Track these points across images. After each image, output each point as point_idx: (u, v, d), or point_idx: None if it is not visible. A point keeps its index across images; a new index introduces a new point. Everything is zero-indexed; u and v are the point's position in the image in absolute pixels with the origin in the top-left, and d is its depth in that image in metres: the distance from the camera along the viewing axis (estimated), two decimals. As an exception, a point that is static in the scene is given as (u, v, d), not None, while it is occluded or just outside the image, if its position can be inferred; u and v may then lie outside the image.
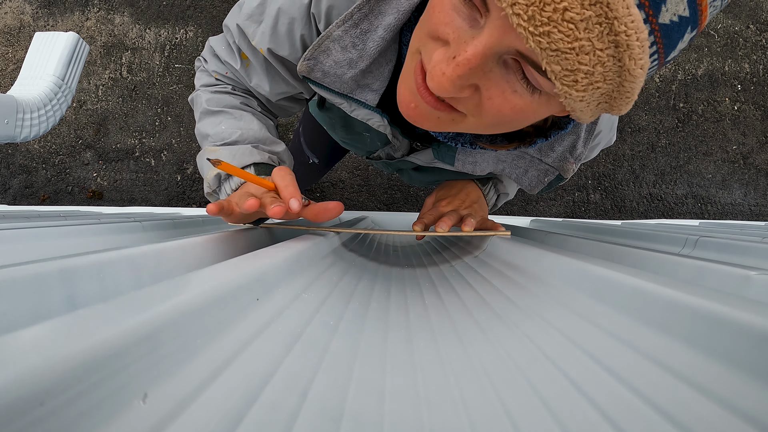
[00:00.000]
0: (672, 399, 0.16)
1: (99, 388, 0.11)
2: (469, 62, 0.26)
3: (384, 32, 0.37)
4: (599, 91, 0.26)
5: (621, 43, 0.23)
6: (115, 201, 1.38)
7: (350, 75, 0.40)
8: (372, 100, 0.42)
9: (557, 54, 0.23)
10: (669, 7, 0.22)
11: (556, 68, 0.24)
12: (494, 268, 0.41)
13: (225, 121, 0.47)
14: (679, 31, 0.24)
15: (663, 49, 0.24)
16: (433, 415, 0.18)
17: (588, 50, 0.23)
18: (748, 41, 1.52)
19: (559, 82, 0.25)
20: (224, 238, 0.38)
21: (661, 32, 0.23)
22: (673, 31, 0.24)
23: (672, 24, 0.23)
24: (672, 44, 0.24)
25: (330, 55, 0.39)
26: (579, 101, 0.26)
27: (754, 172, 1.50)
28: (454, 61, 0.26)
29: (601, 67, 0.24)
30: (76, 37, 0.82)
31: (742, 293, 0.27)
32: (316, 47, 0.38)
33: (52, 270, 0.21)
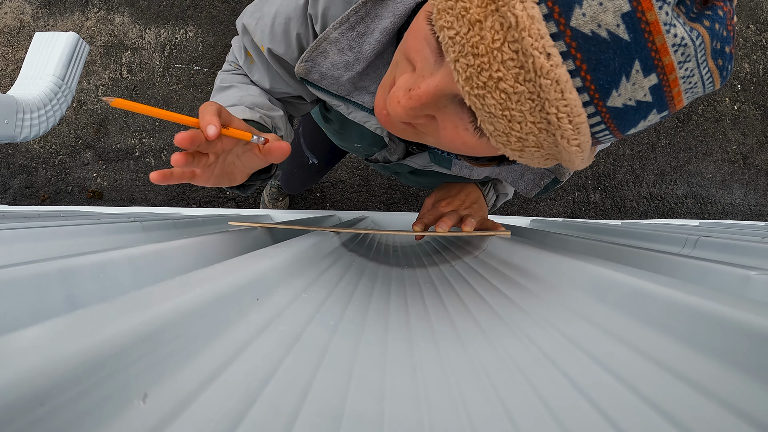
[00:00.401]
0: (672, 399, 0.16)
1: (99, 388, 0.11)
2: (420, 98, 0.27)
3: (380, 35, 0.37)
4: (538, 153, 0.26)
5: (552, 122, 0.23)
6: (115, 201, 1.38)
7: (347, 77, 0.40)
8: (369, 103, 0.42)
9: (490, 116, 0.24)
10: (623, 92, 0.22)
11: (490, 128, 0.25)
12: (494, 268, 0.41)
13: (231, 93, 0.47)
14: (639, 114, 0.23)
15: (616, 128, 0.24)
16: (433, 415, 0.18)
17: (519, 119, 0.23)
18: (748, 41, 1.52)
19: (494, 140, 0.25)
20: (224, 238, 0.38)
21: (610, 114, 0.23)
22: (628, 114, 0.23)
23: (627, 108, 0.23)
24: (629, 124, 0.24)
25: (327, 57, 0.39)
26: (519, 157, 0.27)
27: (754, 172, 1.50)
28: (408, 94, 0.27)
29: (534, 136, 0.24)
30: (76, 37, 0.82)
31: (742, 293, 0.27)
32: (314, 49, 0.38)
33: (52, 270, 0.21)
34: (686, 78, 0.22)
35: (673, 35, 0.21)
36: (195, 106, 1.38)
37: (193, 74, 1.40)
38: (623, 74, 0.21)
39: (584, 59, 0.21)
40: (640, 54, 0.21)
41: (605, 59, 0.21)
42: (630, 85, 0.22)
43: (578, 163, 0.27)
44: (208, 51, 1.41)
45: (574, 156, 0.25)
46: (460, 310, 0.32)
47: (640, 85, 0.22)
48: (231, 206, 1.37)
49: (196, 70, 1.40)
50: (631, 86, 0.22)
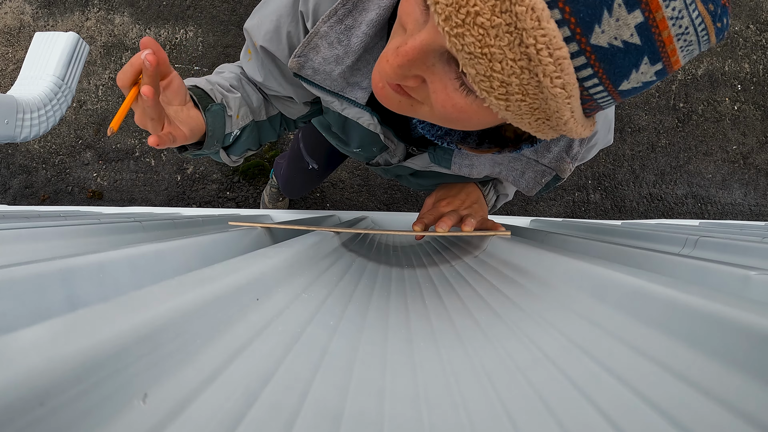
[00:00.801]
0: (672, 399, 0.16)
1: (99, 388, 0.11)
2: (407, 54, 0.27)
3: (367, 28, 0.37)
4: (525, 105, 0.25)
5: (532, 57, 0.22)
6: (115, 201, 1.38)
7: (338, 71, 0.40)
8: (362, 98, 0.43)
9: (471, 57, 0.23)
10: (606, 28, 0.21)
11: (472, 71, 0.24)
12: (494, 268, 0.41)
13: (212, 77, 0.49)
14: (628, 59, 0.22)
15: (606, 76, 0.23)
16: (433, 415, 0.18)
17: (500, 58, 0.23)
18: (748, 41, 1.52)
19: (477, 87, 0.25)
20: (224, 238, 0.38)
21: (596, 54, 0.22)
22: (616, 57, 0.22)
23: (613, 49, 0.22)
24: (619, 72, 0.23)
25: (319, 52, 0.39)
26: (505, 110, 0.26)
27: (754, 172, 1.50)
28: (396, 51, 0.27)
29: (516, 78, 0.23)
30: (76, 37, 0.82)
31: (742, 293, 0.27)
32: (306, 44, 0.39)
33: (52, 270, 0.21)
34: (675, 20, 0.21)
35: None
36: (195, 106, 1.38)
37: (193, 74, 1.40)
38: (604, 7, 0.20)
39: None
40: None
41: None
42: (613, 20, 0.21)
43: (568, 117, 0.25)
44: (208, 51, 1.41)
45: (561, 103, 0.24)
46: (460, 310, 0.32)
47: (625, 22, 0.21)
48: (231, 206, 1.37)
49: (196, 70, 1.40)
50: (615, 22, 0.21)
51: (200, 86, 0.45)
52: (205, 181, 1.37)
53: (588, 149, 0.51)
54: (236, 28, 1.42)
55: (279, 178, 1.08)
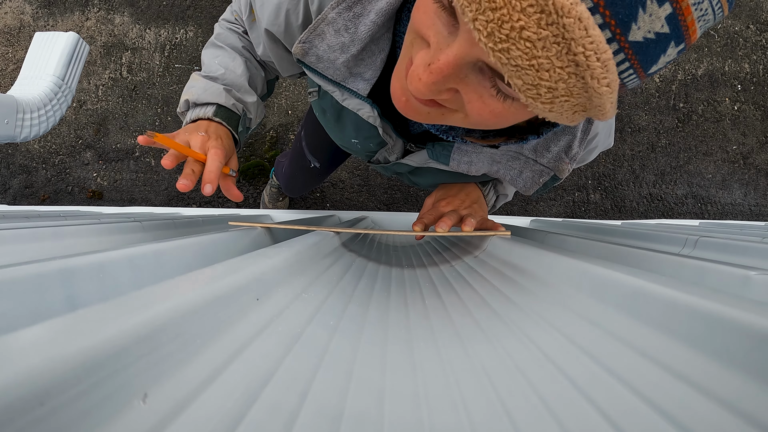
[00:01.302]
0: (672, 399, 0.16)
1: (99, 388, 0.11)
2: (442, 71, 0.27)
3: (376, 17, 0.37)
4: (568, 104, 0.26)
5: (581, 63, 0.23)
6: (115, 201, 1.38)
7: (342, 60, 0.40)
8: (363, 90, 0.42)
9: (518, 69, 0.24)
10: (641, 25, 0.22)
11: (518, 82, 0.24)
12: (494, 268, 0.41)
13: (220, 57, 0.53)
14: (659, 47, 0.24)
15: (639, 65, 0.24)
16: (433, 415, 0.18)
17: (548, 67, 0.23)
18: (748, 41, 1.52)
19: (523, 95, 0.25)
20: (224, 238, 0.38)
21: (633, 49, 0.23)
22: (649, 48, 0.23)
23: (647, 41, 0.23)
24: (651, 59, 0.24)
25: (324, 39, 0.39)
26: (549, 111, 0.26)
27: (754, 172, 1.50)
28: (428, 69, 0.27)
29: (563, 83, 0.24)
30: (76, 37, 0.81)
31: (742, 293, 0.27)
32: (312, 30, 0.39)
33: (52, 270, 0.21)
34: (697, 4, 0.23)
35: None
36: (195, 106, 1.38)
37: (193, 74, 1.40)
38: (639, 6, 0.22)
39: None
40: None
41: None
42: (647, 16, 0.22)
43: (609, 108, 0.27)
44: (208, 51, 1.41)
45: (605, 99, 0.25)
46: (460, 310, 0.32)
47: (657, 16, 0.22)
48: (231, 206, 1.37)
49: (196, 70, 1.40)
50: (649, 18, 0.22)
51: (222, 104, 0.49)
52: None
53: (588, 152, 0.51)
54: None
55: (280, 176, 1.08)
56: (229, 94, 0.50)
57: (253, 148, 1.39)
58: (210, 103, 0.49)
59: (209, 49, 0.55)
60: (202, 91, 0.49)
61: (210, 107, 0.49)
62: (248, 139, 1.38)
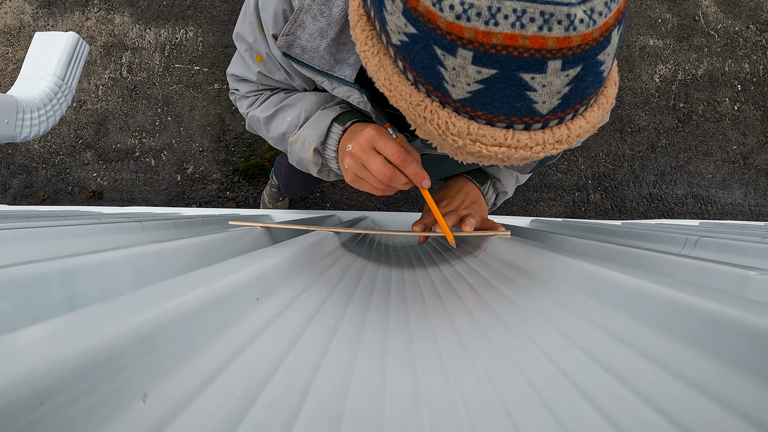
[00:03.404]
0: (672, 399, 0.16)
1: (99, 388, 0.11)
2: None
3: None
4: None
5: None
6: (115, 201, 1.38)
7: (324, 45, 0.41)
8: (350, 76, 0.43)
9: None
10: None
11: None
12: (494, 268, 0.41)
13: (286, 114, 0.50)
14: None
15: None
16: (433, 415, 0.18)
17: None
18: (748, 41, 1.52)
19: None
20: (224, 238, 0.38)
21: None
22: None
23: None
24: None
25: (305, 29, 0.40)
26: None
27: (754, 172, 1.50)
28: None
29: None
30: (76, 37, 0.81)
31: (742, 293, 0.27)
32: (293, 22, 0.40)
33: (52, 270, 0.21)
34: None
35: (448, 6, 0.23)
36: (195, 106, 1.38)
37: (193, 74, 1.40)
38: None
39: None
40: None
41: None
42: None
43: None
44: (208, 51, 1.41)
45: None
46: (460, 310, 0.32)
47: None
48: (231, 206, 1.37)
49: (196, 70, 1.40)
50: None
51: (335, 115, 0.47)
52: (205, 181, 1.37)
53: None
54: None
55: (280, 177, 1.08)
56: (326, 110, 0.48)
57: (253, 148, 1.39)
58: (327, 127, 0.46)
59: (272, 124, 0.52)
60: (313, 131, 0.46)
61: (333, 127, 0.46)
62: (249, 139, 1.38)
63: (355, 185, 0.44)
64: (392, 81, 0.29)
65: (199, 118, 1.38)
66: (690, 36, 1.51)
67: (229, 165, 1.38)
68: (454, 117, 0.27)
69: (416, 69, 0.27)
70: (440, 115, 0.28)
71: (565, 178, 1.45)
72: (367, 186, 0.43)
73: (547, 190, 1.45)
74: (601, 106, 0.28)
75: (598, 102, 0.28)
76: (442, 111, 0.28)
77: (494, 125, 0.27)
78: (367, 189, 0.43)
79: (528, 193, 1.45)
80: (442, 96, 0.27)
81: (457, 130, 0.28)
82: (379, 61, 0.30)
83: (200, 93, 1.39)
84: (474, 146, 0.28)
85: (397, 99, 0.30)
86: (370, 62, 0.30)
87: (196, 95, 1.39)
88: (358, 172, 0.42)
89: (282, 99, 0.51)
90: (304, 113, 0.48)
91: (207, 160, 1.37)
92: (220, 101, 1.39)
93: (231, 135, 1.38)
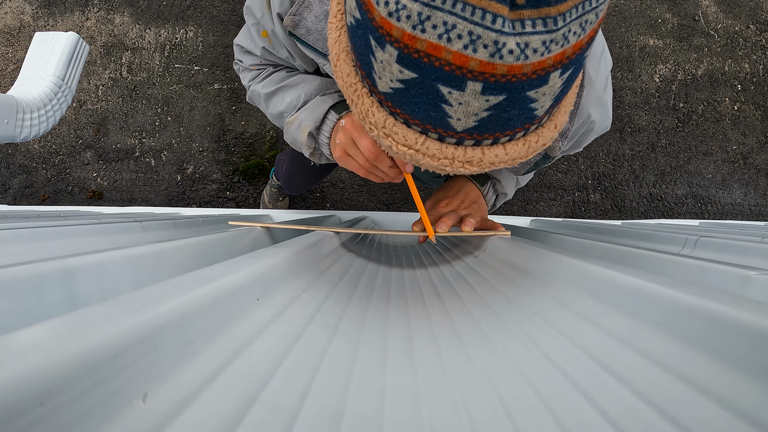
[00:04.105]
0: (672, 399, 0.16)
1: (99, 388, 0.11)
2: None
3: None
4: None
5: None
6: (115, 201, 1.38)
7: None
8: None
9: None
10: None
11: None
12: (494, 268, 0.41)
13: (286, 94, 0.51)
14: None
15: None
16: (433, 415, 0.18)
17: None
18: (748, 41, 1.52)
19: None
20: (224, 238, 0.38)
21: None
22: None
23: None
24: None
25: (312, 10, 0.41)
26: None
27: (754, 172, 1.50)
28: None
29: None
30: (76, 37, 0.81)
31: (742, 293, 0.27)
32: (300, 2, 0.41)
33: (52, 270, 0.21)
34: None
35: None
36: (195, 106, 1.38)
37: (193, 74, 1.40)
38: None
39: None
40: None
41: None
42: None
43: None
44: (208, 51, 1.41)
45: None
46: (460, 310, 0.32)
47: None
48: (231, 206, 1.37)
49: (196, 70, 1.40)
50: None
51: (332, 103, 0.47)
52: (205, 181, 1.37)
53: (584, 134, 0.51)
54: (236, 28, 1.42)
55: (281, 175, 1.08)
56: (326, 95, 0.48)
57: (253, 148, 1.39)
58: (323, 113, 0.47)
59: (271, 101, 0.53)
60: (309, 115, 0.47)
61: (329, 114, 0.47)
62: (249, 139, 1.38)
63: (342, 162, 0.44)
64: (340, 57, 0.30)
65: (199, 118, 1.38)
66: (690, 36, 1.51)
67: (229, 165, 1.38)
68: (375, 107, 0.28)
69: (356, 52, 0.27)
70: (365, 101, 0.29)
71: (565, 178, 1.45)
72: (354, 164, 0.43)
73: (547, 190, 1.45)
74: (528, 143, 0.28)
75: (526, 138, 0.28)
76: (368, 98, 0.28)
77: (410, 126, 0.27)
78: (353, 167, 0.44)
79: (528, 193, 1.45)
80: (371, 84, 0.27)
81: (375, 120, 0.28)
82: (338, 36, 0.30)
83: (200, 93, 1.39)
84: (386, 140, 0.29)
85: (338, 74, 0.30)
86: (332, 35, 0.31)
87: (196, 95, 1.39)
88: (347, 148, 0.43)
89: (284, 78, 0.52)
90: (303, 96, 0.49)
91: (207, 160, 1.37)
92: (220, 101, 1.39)
93: (231, 135, 1.38)
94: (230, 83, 1.39)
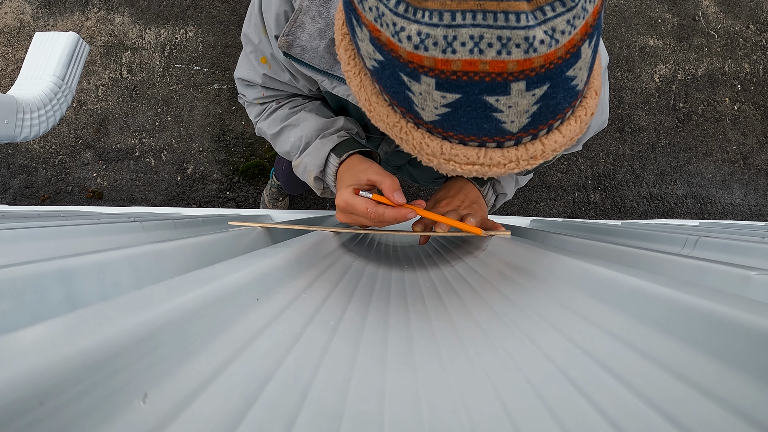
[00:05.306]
0: (672, 399, 0.16)
1: (99, 388, 0.11)
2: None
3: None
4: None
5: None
6: (115, 201, 1.38)
7: (324, 45, 0.42)
8: None
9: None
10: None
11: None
12: (494, 268, 0.41)
13: (290, 134, 0.53)
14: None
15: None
16: (433, 415, 0.18)
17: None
18: (748, 41, 1.52)
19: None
20: (224, 238, 0.38)
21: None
22: None
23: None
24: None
25: (305, 29, 0.41)
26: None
27: (754, 172, 1.50)
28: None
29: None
30: (76, 37, 0.81)
31: (742, 293, 0.27)
32: (293, 22, 0.41)
33: (52, 270, 0.21)
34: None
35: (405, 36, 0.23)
36: (195, 106, 1.38)
37: (193, 74, 1.40)
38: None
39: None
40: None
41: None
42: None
43: None
44: (208, 51, 1.41)
45: None
46: (460, 310, 0.32)
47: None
48: (231, 206, 1.37)
49: (196, 70, 1.40)
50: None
51: (332, 146, 0.49)
52: (205, 181, 1.37)
53: None
54: (236, 28, 1.42)
55: (281, 175, 1.08)
56: (325, 138, 0.50)
57: (253, 148, 1.39)
58: (325, 158, 0.49)
59: (277, 141, 0.55)
60: (312, 158, 0.49)
61: (330, 158, 0.49)
62: (249, 139, 1.38)
63: (352, 223, 0.46)
64: (371, 101, 0.30)
65: (199, 118, 1.38)
66: (690, 36, 1.51)
67: (229, 165, 1.38)
68: (427, 137, 0.28)
69: (389, 92, 0.27)
70: (414, 135, 0.28)
71: (565, 178, 1.45)
72: (365, 221, 0.44)
73: (547, 190, 1.45)
74: (578, 118, 0.28)
75: (575, 114, 0.28)
76: (416, 132, 0.28)
77: (467, 144, 0.27)
78: (365, 224, 0.45)
79: (528, 193, 1.45)
80: (414, 117, 0.27)
81: (431, 149, 0.28)
82: (360, 81, 0.30)
83: (200, 93, 1.39)
84: (448, 165, 0.28)
85: (376, 119, 0.30)
86: (353, 82, 0.30)
87: (196, 95, 1.39)
88: (349, 219, 0.45)
89: (287, 116, 0.53)
90: (304, 138, 0.51)
91: (207, 160, 1.37)
92: (220, 101, 1.39)
93: (231, 135, 1.38)
94: (230, 83, 1.39)
